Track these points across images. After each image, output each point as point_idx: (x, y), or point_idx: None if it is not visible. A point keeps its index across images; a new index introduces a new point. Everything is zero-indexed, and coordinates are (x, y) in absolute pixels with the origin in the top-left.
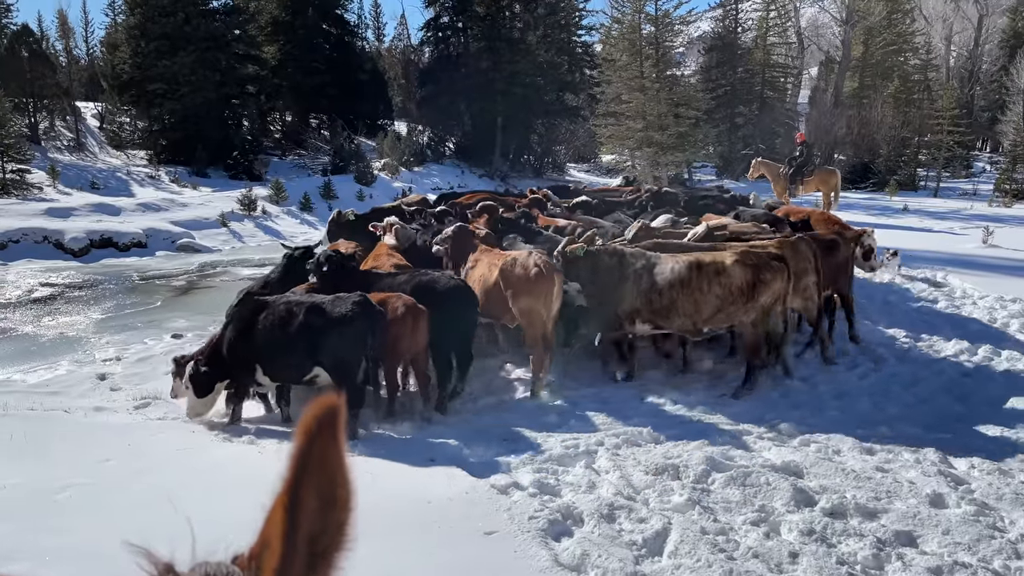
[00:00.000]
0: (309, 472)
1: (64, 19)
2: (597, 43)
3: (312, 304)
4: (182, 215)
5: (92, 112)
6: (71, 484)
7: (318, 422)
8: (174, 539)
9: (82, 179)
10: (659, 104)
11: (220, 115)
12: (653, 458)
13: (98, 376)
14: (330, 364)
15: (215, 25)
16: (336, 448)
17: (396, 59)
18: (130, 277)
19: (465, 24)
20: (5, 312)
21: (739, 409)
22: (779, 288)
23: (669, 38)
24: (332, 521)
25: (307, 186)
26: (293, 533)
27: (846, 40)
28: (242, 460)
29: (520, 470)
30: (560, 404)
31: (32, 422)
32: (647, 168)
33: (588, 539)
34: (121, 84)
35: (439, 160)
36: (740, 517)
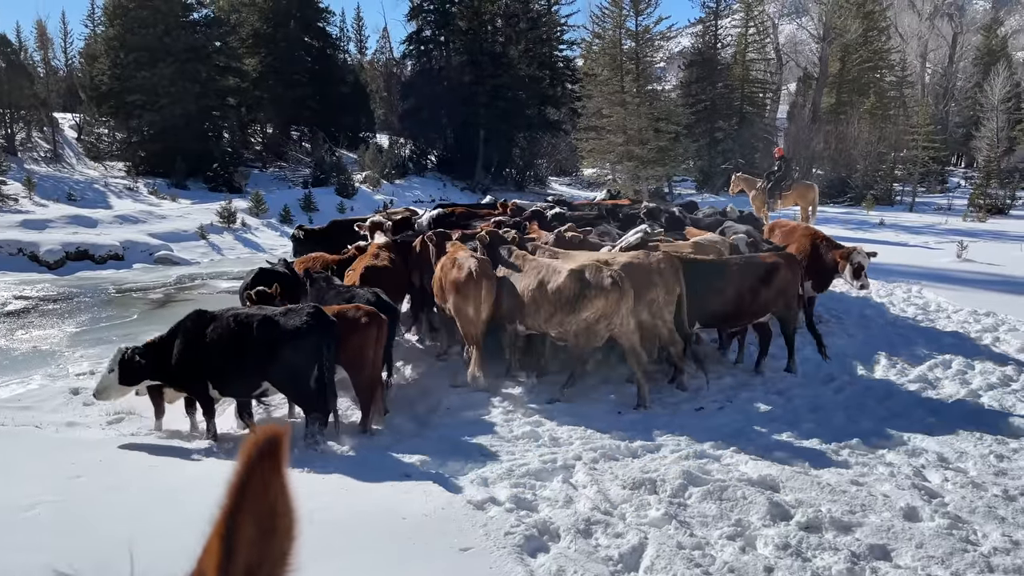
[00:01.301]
0: (248, 501)
1: (43, 29)
2: (578, 58)
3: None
4: (160, 227)
5: (70, 123)
6: (40, 501)
7: (259, 450)
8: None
9: (59, 191)
10: (639, 118)
11: (200, 127)
12: (630, 472)
13: (71, 391)
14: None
15: (195, 37)
16: (278, 477)
17: (378, 72)
18: (106, 290)
19: (447, 38)
20: None
21: (716, 423)
22: (601, 305)
23: (649, 53)
24: (272, 551)
25: (287, 198)
26: (228, 563)
27: (823, 57)
28: (212, 478)
29: (497, 485)
30: (538, 419)
31: (2, 437)
32: (628, 182)
33: (564, 555)
34: (100, 95)
35: (421, 173)
36: (716, 531)
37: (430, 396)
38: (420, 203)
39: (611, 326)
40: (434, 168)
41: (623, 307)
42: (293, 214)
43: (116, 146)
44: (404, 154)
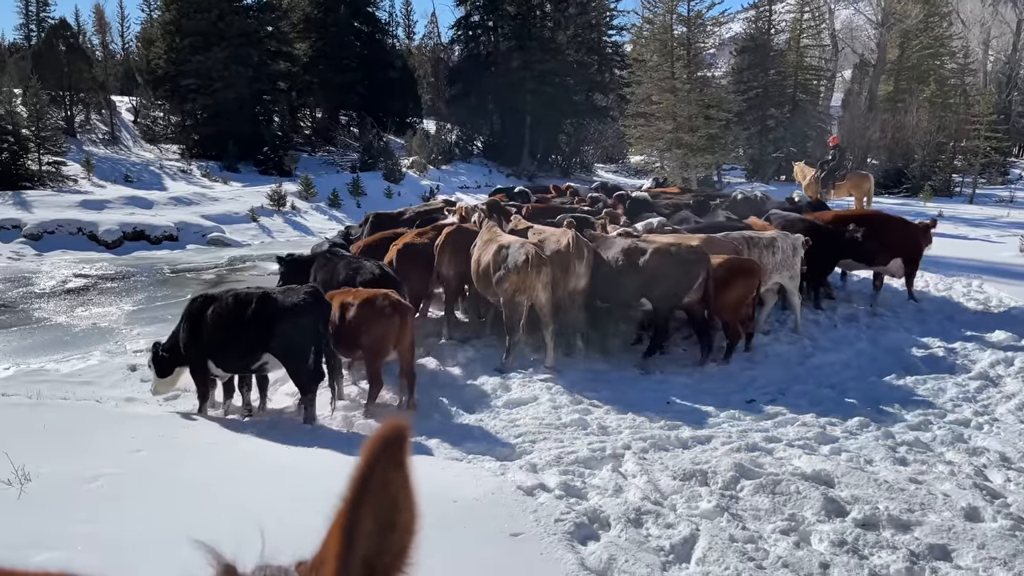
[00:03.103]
0: (369, 495)
1: (101, 14)
2: (628, 43)
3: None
4: (212, 209)
5: (127, 106)
6: (102, 474)
7: (382, 444)
8: (203, 530)
9: (116, 172)
10: (689, 105)
11: (251, 111)
12: (681, 463)
13: (129, 367)
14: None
15: (248, 22)
16: (400, 471)
17: (426, 57)
18: (161, 270)
19: (496, 23)
20: (40, 302)
21: (768, 414)
22: (513, 280)
23: (701, 39)
24: (391, 545)
25: (336, 182)
26: (348, 555)
27: (881, 43)
28: (269, 454)
29: (546, 472)
30: (586, 407)
31: (65, 411)
32: (676, 169)
33: (615, 543)
34: (155, 79)
35: (467, 159)
36: (769, 525)
37: (476, 381)
38: (466, 189)
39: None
40: (480, 154)
41: (535, 280)
42: (341, 198)
43: (171, 129)
44: (450, 140)
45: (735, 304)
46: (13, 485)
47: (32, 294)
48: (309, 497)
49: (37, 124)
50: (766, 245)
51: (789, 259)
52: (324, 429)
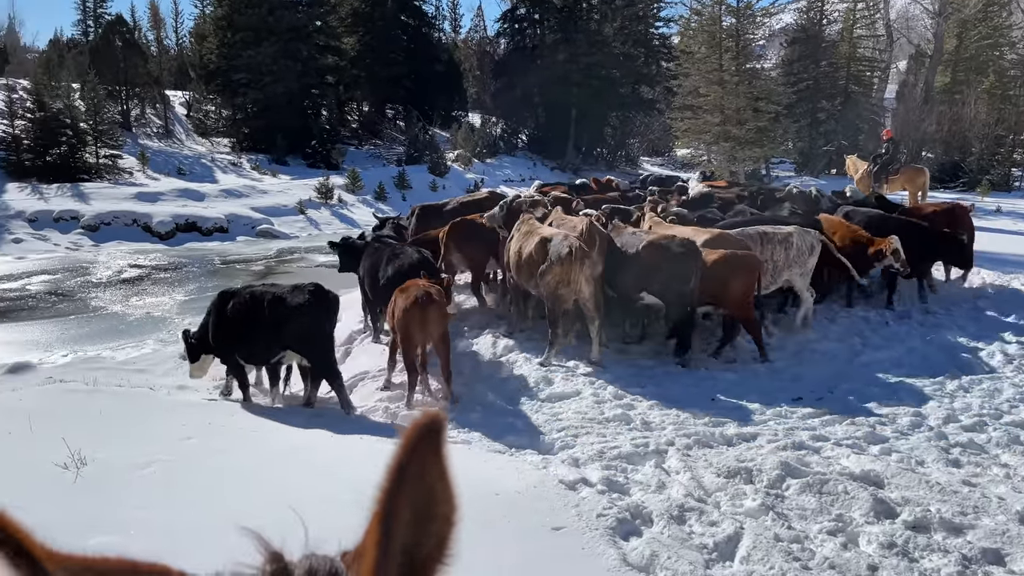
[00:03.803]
0: (405, 484)
1: (156, 10)
2: (675, 35)
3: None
4: (262, 202)
5: (180, 100)
6: (155, 460)
7: (418, 434)
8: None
9: (169, 165)
10: (738, 98)
11: (300, 105)
12: (725, 460)
13: (180, 356)
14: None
15: (297, 16)
16: (437, 462)
17: (472, 51)
18: (212, 261)
19: (542, 16)
20: (96, 291)
21: (815, 413)
22: (557, 272)
23: (750, 30)
24: (430, 535)
25: (382, 175)
26: (387, 544)
27: (938, 33)
28: (314, 444)
29: (588, 466)
30: (629, 402)
31: (120, 398)
32: (723, 163)
33: (657, 540)
34: (207, 74)
35: (511, 152)
36: (816, 526)
37: (519, 374)
38: (510, 182)
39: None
40: (524, 147)
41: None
42: (387, 191)
43: (222, 123)
44: (495, 133)
45: (739, 298)
46: (69, 469)
47: (89, 283)
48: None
49: (95, 118)
50: (780, 241)
51: (804, 257)
52: (367, 421)
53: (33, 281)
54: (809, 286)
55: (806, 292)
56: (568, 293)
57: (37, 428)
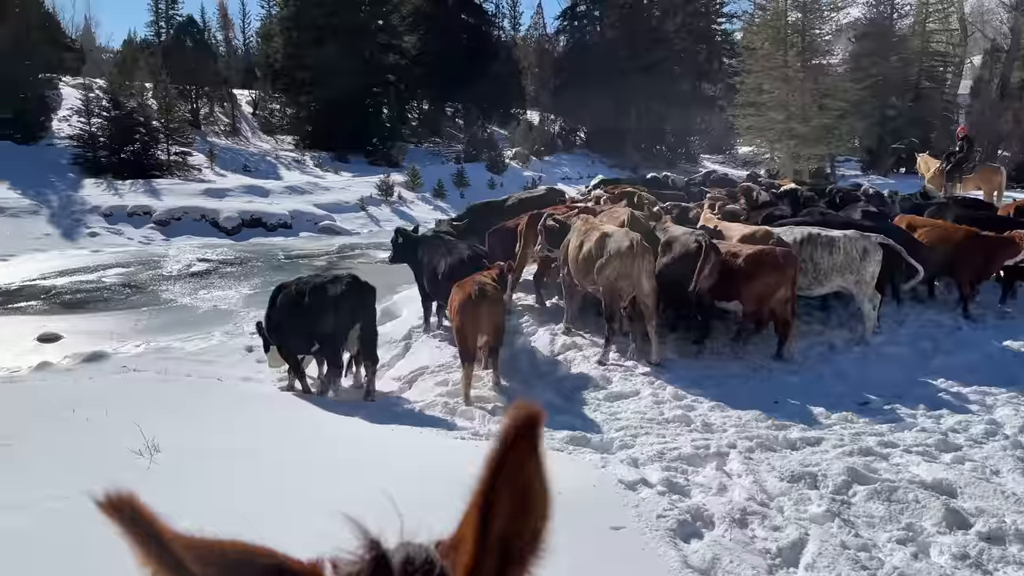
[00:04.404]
0: (503, 479)
1: (224, 11)
2: (738, 31)
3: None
4: (324, 198)
5: (246, 99)
6: (224, 448)
7: (517, 428)
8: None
9: (236, 162)
10: (803, 95)
11: (362, 103)
12: (789, 464)
13: (246, 348)
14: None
15: (360, 16)
16: (534, 456)
17: (531, 48)
18: (276, 256)
19: (602, 12)
20: (167, 284)
21: (883, 418)
22: (616, 266)
23: (817, 25)
24: (526, 528)
25: (441, 173)
26: (485, 535)
27: (1016, 27)
28: (373, 435)
29: (648, 467)
30: (689, 403)
31: (190, 388)
32: (787, 161)
33: (719, 543)
34: (273, 72)
35: (570, 150)
36: (884, 534)
37: (577, 372)
38: (568, 180)
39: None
40: (583, 145)
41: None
42: (446, 189)
43: (286, 121)
44: (553, 131)
45: (759, 295)
46: (143, 455)
47: (160, 276)
48: (419, 479)
49: (166, 116)
50: (824, 244)
51: (854, 263)
52: (427, 415)
53: (108, 274)
54: (874, 293)
55: (866, 302)
56: (627, 287)
57: (113, 415)
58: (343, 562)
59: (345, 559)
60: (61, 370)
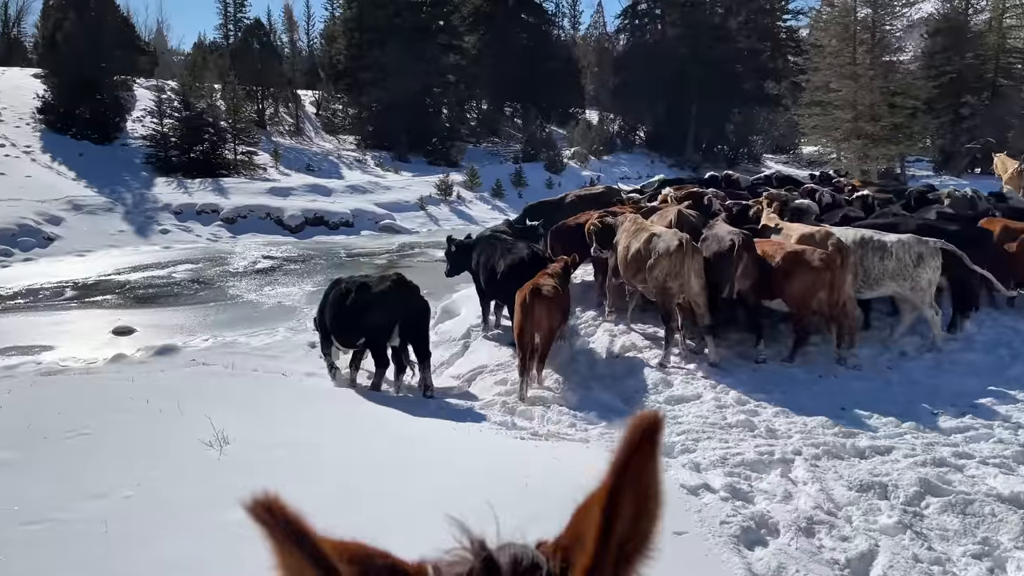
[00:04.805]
0: (627, 481)
1: (290, 13)
2: (804, 28)
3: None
4: (385, 198)
5: (310, 99)
6: (291, 442)
7: (640, 434)
8: (410, 503)
9: (299, 161)
10: (872, 93)
11: (422, 103)
12: (857, 473)
13: (309, 344)
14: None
15: (422, 17)
16: (653, 462)
17: (590, 47)
18: (338, 254)
19: (663, 11)
20: (234, 280)
21: (958, 428)
22: (665, 266)
23: (888, 21)
24: (640, 530)
25: (499, 173)
26: (608, 536)
27: None
28: (435, 433)
29: (710, 472)
30: (753, 407)
31: (256, 382)
32: (854, 161)
33: (784, 551)
34: (336, 73)
35: (629, 149)
36: (959, 548)
37: (637, 374)
38: (627, 179)
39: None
40: (642, 144)
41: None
42: (504, 188)
43: (348, 121)
44: (612, 130)
45: (796, 294)
46: (214, 447)
47: (227, 273)
48: (486, 478)
49: (233, 117)
50: (876, 248)
51: (908, 269)
52: (486, 414)
53: (178, 269)
54: (932, 302)
55: (927, 309)
56: (676, 287)
57: (184, 407)
58: (445, 563)
59: (448, 560)
60: (135, 362)
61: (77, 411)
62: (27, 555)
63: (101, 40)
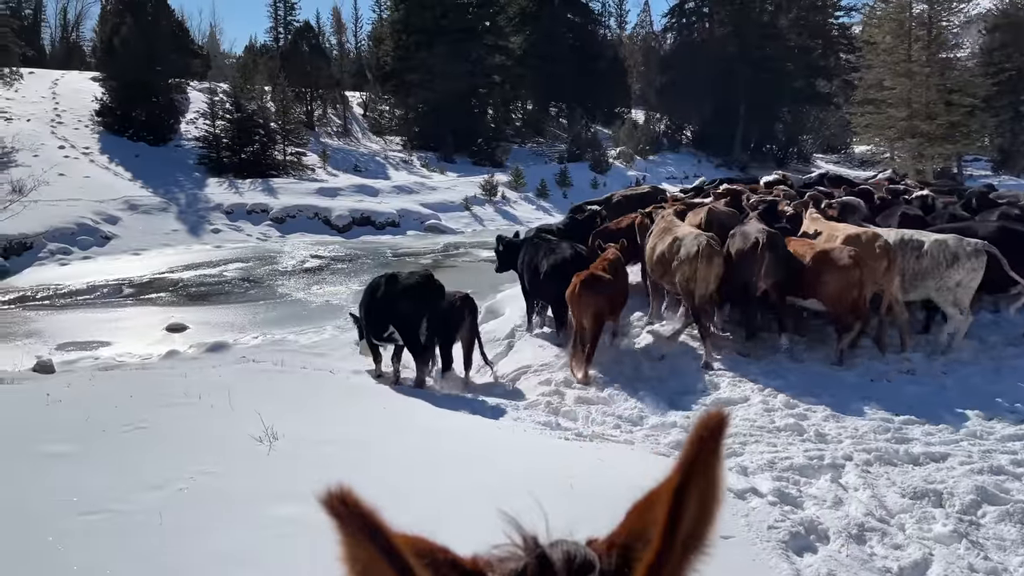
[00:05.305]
0: (695, 478)
1: (338, 15)
2: (856, 25)
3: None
4: (430, 198)
5: (357, 101)
6: (339, 439)
7: (707, 432)
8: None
9: (347, 162)
10: (928, 90)
11: (468, 104)
12: (911, 480)
13: (355, 343)
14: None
15: (468, 18)
16: (717, 459)
17: (637, 46)
18: (384, 253)
19: (711, 9)
20: (283, 279)
21: (1016, 435)
22: (686, 270)
23: (944, 17)
24: (702, 527)
25: (544, 173)
26: (674, 533)
27: None
28: (480, 433)
29: (758, 476)
30: (801, 411)
31: (305, 379)
32: (908, 161)
33: (835, 558)
34: (383, 75)
35: (675, 149)
36: (1017, 558)
37: (682, 375)
38: (673, 179)
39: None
40: (689, 144)
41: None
42: (549, 188)
43: (395, 122)
44: (658, 129)
45: (833, 294)
46: (263, 442)
47: (276, 272)
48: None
49: (283, 118)
50: (914, 248)
51: (939, 268)
52: (531, 414)
53: (229, 268)
54: (959, 306)
55: (952, 309)
56: (701, 289)
57: (235, 403)
58: (497, 559)
59: (500, 556)
60: (187, 358)
61: (133, 405)
62: (85, 545)
63: (156, 44)
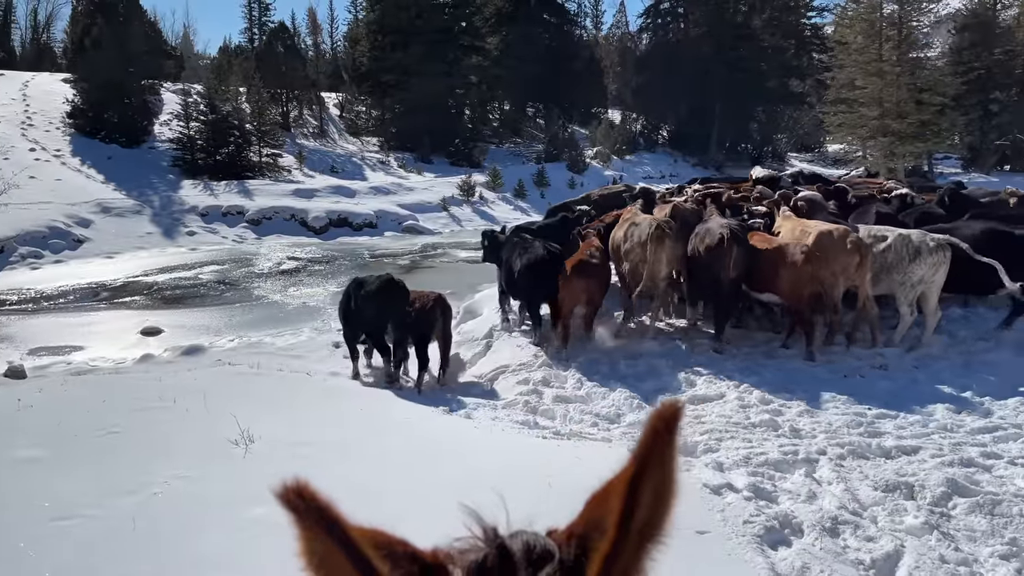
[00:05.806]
0: (650, 469)
1: (313, 16)
2: (828, 25)
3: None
4: (408, 199)
5: (334, 102)
6: (315, 440)
7: (663, 422)
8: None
9: (323, 163)
10: (899, 90)
11: (444, 104)
12: (883, 473)
13: (333, 344)
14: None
15: (444, 18)
16: (672, 449)
17: (613, 47)
18: (362, 255)
19: (686, 9)
20: (259, 281)
21: (986, 427)
22: (638, 252)
23: (914, 17)
24: (658, 516)
25: (521, 173)
26: (629, 522)
27: None
28: (457, 432)
29: (733, 471)
30: (776, 407)
31: (281, 382)
32: (880, 159)
33: (809, 551)
34: (359, 75)
35: (651, 149)
36: (987, 549)
37: (658, 374)
38: (649, 179)
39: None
40: (665, 143)
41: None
42: (526, 189)
43: (372, 122)
44: (635, 129)
45: (787, 288)
46: (239, 445)
47: (252, 274)
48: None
49: (258, 119)
50: (878, 241)
51: (902, 263)
52: (508, 413)
53: (204, 271)
54: (927, 304)
55: (905, 306)
56: (648, 270)
57: (210, 406)
58: (458, 551)
59: (460, 547)
60: (162, 362)
61: (107, 410)
62: (58, 550)
63: (129, 45)
